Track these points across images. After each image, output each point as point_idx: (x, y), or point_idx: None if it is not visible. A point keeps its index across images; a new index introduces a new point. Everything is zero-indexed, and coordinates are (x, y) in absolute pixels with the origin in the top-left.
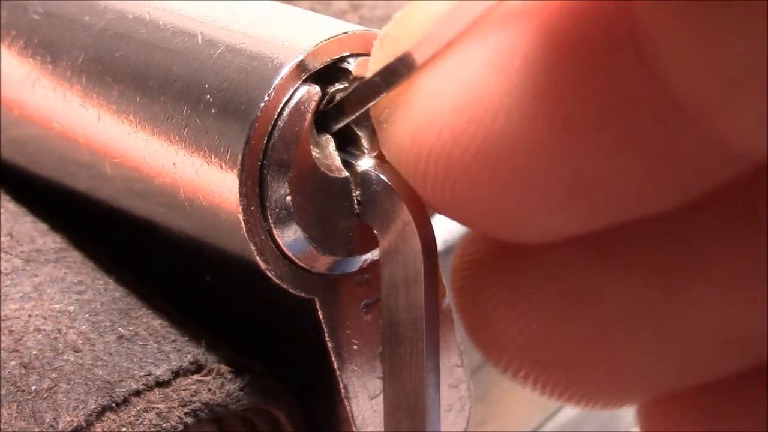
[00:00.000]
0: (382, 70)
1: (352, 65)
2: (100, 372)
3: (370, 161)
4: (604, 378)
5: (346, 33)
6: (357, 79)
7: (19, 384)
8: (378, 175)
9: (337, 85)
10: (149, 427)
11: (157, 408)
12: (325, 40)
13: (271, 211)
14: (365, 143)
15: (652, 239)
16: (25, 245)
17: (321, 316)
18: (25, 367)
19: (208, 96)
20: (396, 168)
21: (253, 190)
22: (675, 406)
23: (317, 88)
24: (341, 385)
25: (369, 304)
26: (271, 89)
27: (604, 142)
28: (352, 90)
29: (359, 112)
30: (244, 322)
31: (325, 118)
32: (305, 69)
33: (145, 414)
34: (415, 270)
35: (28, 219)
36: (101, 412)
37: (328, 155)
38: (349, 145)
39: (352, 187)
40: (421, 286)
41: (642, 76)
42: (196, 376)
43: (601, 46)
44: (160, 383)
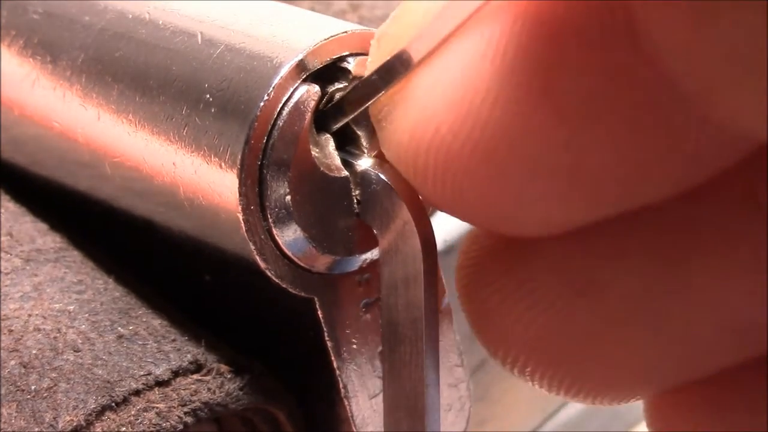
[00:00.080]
0: (380, 68)
1: (352, 65)
2: (100, 371)
3: (369, 160)
4: (610, 372)
5: (346, 32)
6: (356, 79)
7: (18, 383)
8: (377, 174)
9: (337, 85)
10: (149, 427)
11: (157, 407)
12: (325, 40)
13: (270, 211)
14: (365, 143)
15: (652, 229)
16: (25, 245)
17: (320, 315)
18: (24, 366)
19: (208, 95)
20: (396, 166)
21: (253, 190)
22: (682, 399)
23: (317, 88)
24: (341, 385)
25: (369, 303)
26: (271, 89)
27: (601, 130)
28: (350, 89)
29: (358, 111)
30: (243, 322)
31: (325, 117)
32: (305, 68)
33: (144, 413)
34: (414, 269)
35: (28, 219)
36: (101, 411)
37: (328, 155)
38: (349, 145)
39: (352, 186)
40: (420, 285)
41: (638, 62)
42: (195, 376)
43: (595, 33)
44: (159, 383)
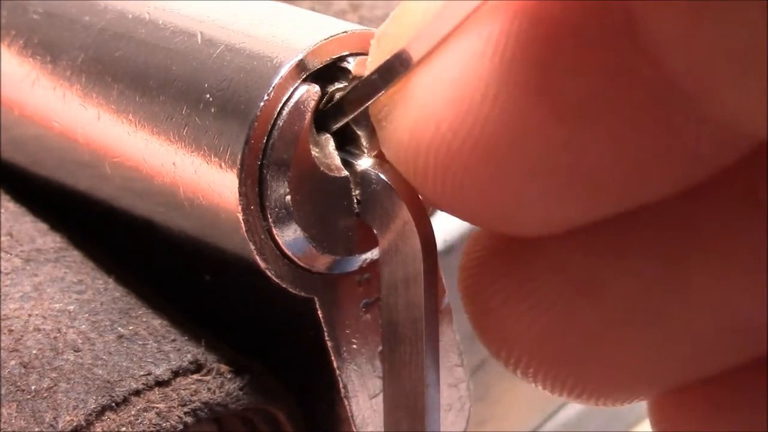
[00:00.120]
0: (380, 68)
1: (352, 64)
2: (100, 371)
3: (369, 160)
4: (611, 372)
5: (346, 32)
6: (356, 79)
7: (18, 383)
8: (377, 174)
9: (337, 85)
10: (149, 427)
11: (157, 407)
12: (325, 40)
13: (270, 211)
14: (365, 142)
15: (652, 228)
16: (25, 245)
17: (320, 315)
18: (24, 366)
19: (208, 95)
20: (396, 165)
21: (253, 190)
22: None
23: (317, 88)
24: (341, 385)
25: (369, 303)
26: (271, 88)
27: (601, 129)
28: (350, 89)
29: (358, 111)
30: (243, 322)
31: (325, 117)
32: (305, 68)
33: (144, 413)
34: (414, 269)
35: (28, 219)
36: (101, 411)
37: (328, 154)
38: (349, 145)
39: (352, 186)
40: (420, 285)
41: (637, 61)
42: (195, 376)
43: (594, 32)
44: (159, 383)
